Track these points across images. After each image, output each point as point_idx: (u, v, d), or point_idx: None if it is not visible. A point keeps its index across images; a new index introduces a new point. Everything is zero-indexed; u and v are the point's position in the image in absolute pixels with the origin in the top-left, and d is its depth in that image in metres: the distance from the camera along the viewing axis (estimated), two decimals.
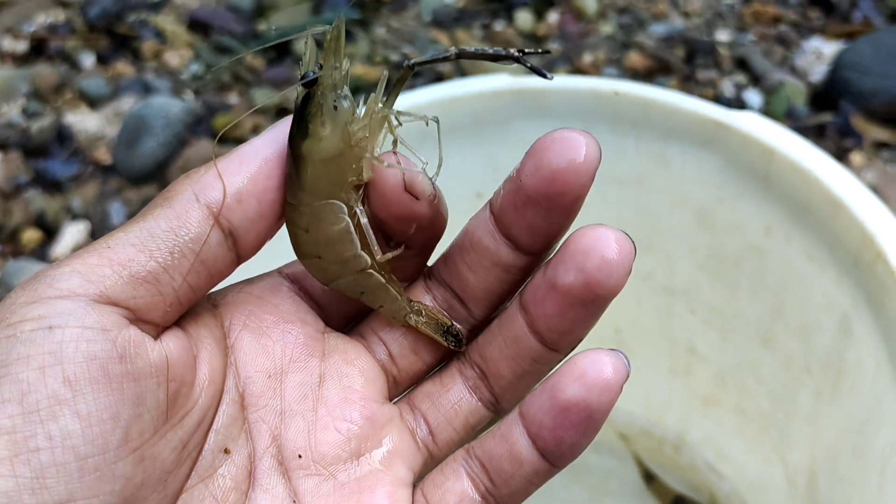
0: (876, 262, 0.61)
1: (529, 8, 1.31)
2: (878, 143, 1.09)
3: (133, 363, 0.35)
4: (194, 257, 0.37)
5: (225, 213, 0.38)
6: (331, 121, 0.40)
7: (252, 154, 0.39)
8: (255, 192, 0.38)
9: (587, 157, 0.37)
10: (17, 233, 1.08)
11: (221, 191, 0.38)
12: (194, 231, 0.37)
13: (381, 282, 0.42)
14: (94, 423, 0.33)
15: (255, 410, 0.41)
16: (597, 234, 0.37)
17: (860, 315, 0.64)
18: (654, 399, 0.86)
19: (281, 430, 0.41)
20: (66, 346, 0.33)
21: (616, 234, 0.37)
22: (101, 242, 0.37)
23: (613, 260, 0.36)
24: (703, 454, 0.84)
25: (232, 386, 0.41)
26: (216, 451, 0.39)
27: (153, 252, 0.36)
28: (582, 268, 0.37)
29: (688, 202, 0.76)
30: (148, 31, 1.32)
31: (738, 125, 0.69)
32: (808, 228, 0.68)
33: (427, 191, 0.39)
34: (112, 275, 0.35)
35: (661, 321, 0.83)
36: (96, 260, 0.35)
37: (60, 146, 1.16)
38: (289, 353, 0.42)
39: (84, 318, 0.34)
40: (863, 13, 1.26)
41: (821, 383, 0.70)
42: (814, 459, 0.70)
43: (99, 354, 0.34)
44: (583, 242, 0.37)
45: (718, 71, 1.20)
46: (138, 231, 0.37)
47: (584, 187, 0.37)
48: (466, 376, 0.43)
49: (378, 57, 1.24)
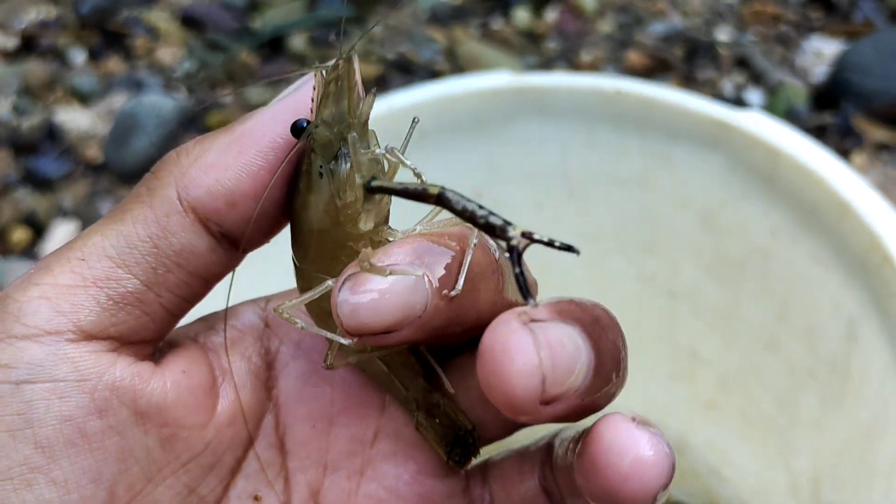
0: (883, 266, 0.60)
1: (527, 5, 1.30)
2: (880, 144, 1.08)
3: (116, 415, 0.31)
4: (181, 272, 0.32)
5: (214, 219, 0.32)
6: (316, 190, 0.32)
7: (251, 140, 0.33)
8: (253, 191, 0.32)
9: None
10: (6, 232, 1.07)
11: (208, 189, 0.32)
12: (177, 243, 0.32)
13: (384, 370, 0.36)
14: (72, 490, 0.30)
15: (296, 459, 0.36)
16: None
17: (867, 319, 0.63)
18: (656, 403, 0.85)
19: (321, 485, 0.37)
20: (36, 406, 0.30)
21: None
22: (75, 249, 0.32)
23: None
24: (704, 459, 0.83)
25: (270, 429, 0.36)
26: (244, 497, 0.35)
27: (132, 268, 0.31)
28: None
29: (692, 203, 0.75)
30: (140, 28, 1.30)
31: (743, 125, 0.69)
32: (815, 231, 0.67)
33: (420, 305, 0.30)
34: (87, 301, 0.31)
35: (663, 324, 0.82)
36: (68, 279, 0.31)
37: (51, 144, 1.15)
38: (341, 399, 0.37)
39: (55, 369, 0.30)
40: (864, 13, 1.25)
41: (826, 388, 0.69)
42: (818, 466, 0.70)
43: (74, 414, 0.30)
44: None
45: (718, 70, 1.20)
46: (115, 237, 0.32)
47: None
48: (545, 475, 0.37)
49: (374, 56, 1.23)
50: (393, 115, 0.73)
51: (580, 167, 0.77)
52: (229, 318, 0.37)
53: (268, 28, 1.26)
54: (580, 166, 0.77)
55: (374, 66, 1.20)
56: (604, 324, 0.31)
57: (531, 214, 0.79)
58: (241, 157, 0.32)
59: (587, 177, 0.77)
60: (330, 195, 0.32)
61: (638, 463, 0.29)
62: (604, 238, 0.79)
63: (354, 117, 0.32)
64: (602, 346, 0.30)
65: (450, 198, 0.29)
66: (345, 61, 0.32)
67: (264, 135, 0.33)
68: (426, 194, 0.30)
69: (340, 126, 0.32)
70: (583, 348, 0.29)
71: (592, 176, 0.77)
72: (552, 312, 0.29)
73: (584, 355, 0.29)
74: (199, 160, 0.32)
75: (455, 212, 0.29)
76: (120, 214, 0.32)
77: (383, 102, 0.74)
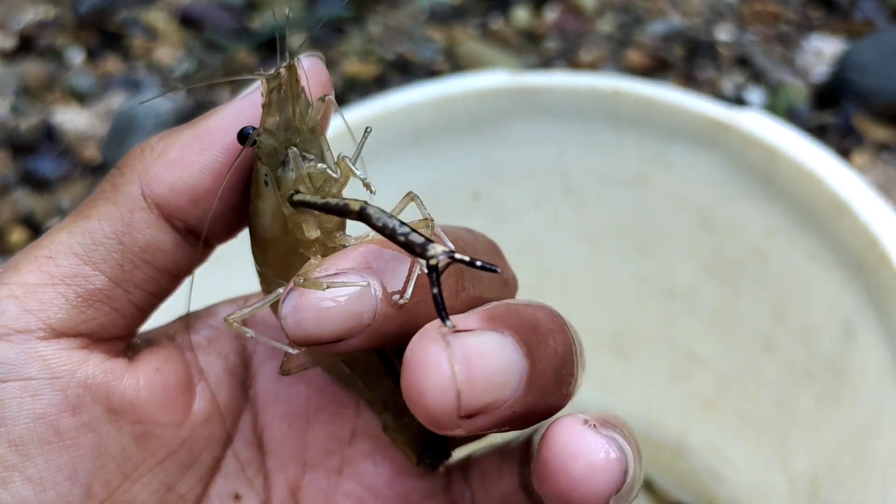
0: (880, 265, 0.60)
1: (527, 5, 1.30)
2: (880, 143, 1.08)
3: (89, 412, 0.31)
4: (148, 267, 0.32)
5: (178, 215, 0.32)
6: (263, 197, 0.32)
7: (214, 137, 0.32)
8: (214, 186, 0.32)
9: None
10: (4, 232, 1.07)
11: (170, 186, 0.32)
12: (143, 239, 0.32)
13: (346, 371, 0.35)
14: (48, 487, 0.30)
15: (275, 458, 0.36)
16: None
17: (864, 319, 0.63)
18: (654, 403, 0.85)
19: (300, 484, 0.37)
20: (8, 405, 0.30)
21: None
22: (41, 247, 0.32)
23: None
24: (702, 459, 0.83)
25: (249, 428, 0.36)
26: (224, 497, 0.35)
27: (99, 264, 0.31)
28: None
29: (689, 203, 0.75)
30: (138, 28, 1.30)
31: (740, 125, 0.69)
32: (812, 230, 0.67)
33: (367, 313, 0.29)
34: (56, 298, 0.31)
35: (660, 324, 0.82)
36: (36, 278, 0.31)
37: (49, 144, 1.15)
38: (317, 398, 0.37)
39: (26, 367, 0.30)
40: (864, 12, 1.25)
41: (823, 388, 0.69)
42: (815, 465, 0.69)
43: (47, 412, 0.30)
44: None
45: (718, 70, 1.19)
46: (81, 234, 0.31)
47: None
48: (524, 472, 0.36)
49: (373, 56, 1.22)
50: (392, 114, 0.73)
51: (577, 167, 0.77)
52: (207, 318, 0.37)
53: (266, 28, 1.26)
54: (577, 166, 0.77)
55: (373, 66, 1.19)
56: (543, 329, 0.30)
57: (529, 214, 0.79)
58: (203, 155, 0.32)
59: (584, 176, 0.77)
60: (276, 203, 0.32)
61: (588, 468, 0.28)
62: (601, 238, 0.79)
63: (303, 125, 0.32)
64: (540, 353, 0.29)
65: (370, 213, 0.29)
66: (287, 69, 0.31)
67: (227, 132, 0.32)
68: (348, 210, 0.29)
69: (287, 134, 0.31)
70: (513, 357, 0.28)
71: (590, 176, 0.77)
72: (481, 321, 0.28)
73: (516, 365, 0.28)
74: (162, 156, 0.32)
75: (375, 228, 0.29)
76: (86, 211, 0.32)
77: (381, 102, 0.74)
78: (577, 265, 0.81)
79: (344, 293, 0.29)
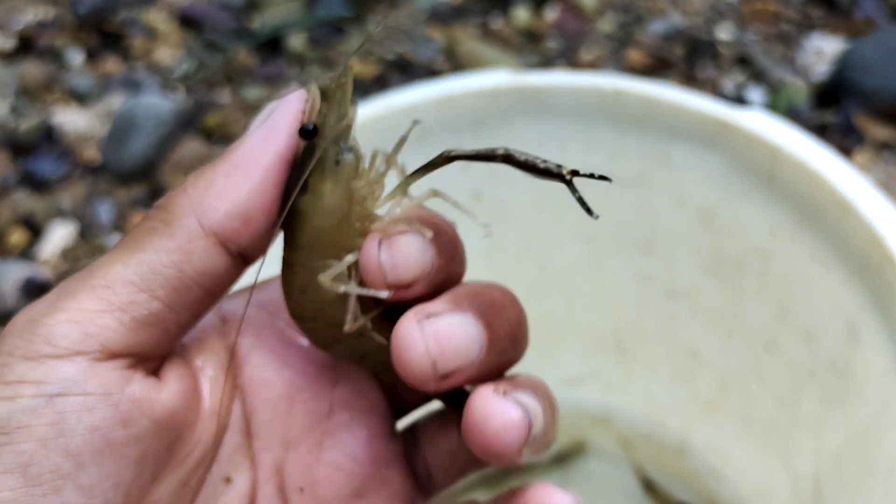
0: (884, 265, 0.60)
1: (527, 4, 1.29)
2: (882, 142, 1.08)
3: (137, 424, 0.34)
4: (200, 290, 0.36)
5: (233, 238, 0.36)
6: (332, 178, 0.37)
7: (253, 161, 0.36)
8: (263, 205, 0.36)
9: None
10: (3, 233, 1.06)
11: (226, 212, 0.36)
12: (201, 265, 0.36)
13: (384, 343, 0.39)
14: (96, 494, 0.33)
15: (261, 440, 0.40)
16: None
17: (867, 318, 0.63)
18: (655, 404, 0.85)
19: (285, 461, 0.41)
20: (67, 418, 0.32)
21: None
22: (97, 276, 0.34)
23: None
24: (705, 460, 0.83)
25: (238, 415, 0.40)
26: (218, 482, 0.39)
27: (156, 291, 0.35)
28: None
29: (690, 203, 0.75)
30: (138, 28, 1.30)
31: (743, 124, 0.68)
32: (815, 230, 0.67)
33: (429, 261, 0.37)
34: (113, 323, 0.34)
35: (662, 324, 0.82)
36: (95, 305, 0.34)
37: (48, 145, 1.15)
38: (298, 380, 0.41)
39: (85, 384, 0.33)
40: (865, 11, 1.25)
41: (826, 388, 0.69)
42: (818, 466, 0.69)
43: (101, 424, 0.33)
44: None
45: (718, 69, 1.19)
46: (138, 265, 0.35)
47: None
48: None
49: (373, 56, 1.22)
50: (392, 114, 0.73)
51: (579, 166, 0.76)
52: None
53: (266, 28, 1.26)
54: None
55: (373, 66, 1.19)
56: (498, 305, 0.38)
57: (530, 214, 0.79)
58: (247, 180, 0.36)
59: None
60: (346, 180, 0.37)
61: (499, 427, 0.35)
62: (602, 237, 0.79)
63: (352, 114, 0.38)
64: (496, 324, 0.37)
65: (513, 153, 0.36)
66: (347, 68, 0.37)
67: (262, 155, 0.36)
68: (494, 154, 0.36)
69: (345, 120, 0.37)
70: (474, 331, 0.36)
71: None
72: (447, 303, 0.36)
73: (477, 336, 0.36)
74: (211, 189, 0.36)
75: (518, 164, 0.36)
76: (139, 245, 0.35)
77: (382, 102, 0.74)
78: (578, 265, 0.81)
79: (419, 240, 0.36)
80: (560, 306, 0.84)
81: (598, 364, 0.85)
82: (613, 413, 0.87)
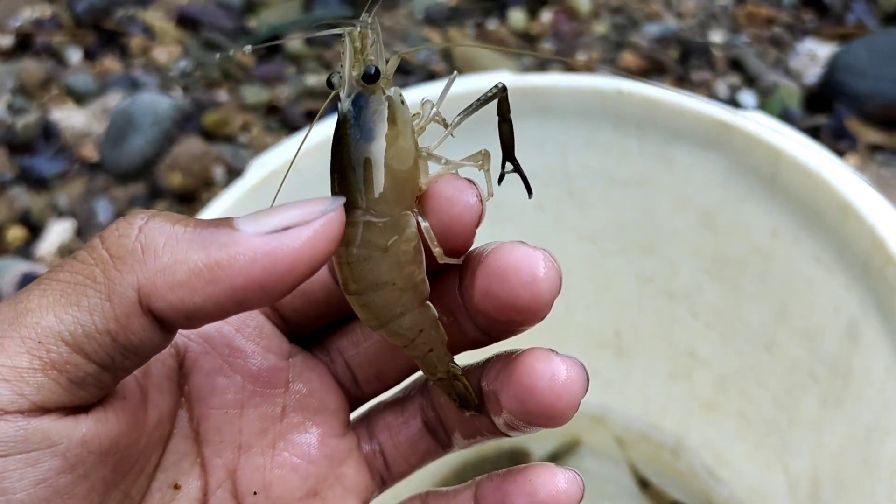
0: (886, 267, 0.61)
1: (522, 7, 1.30)
2: (873, 145, 1.09)
3: (84, 464, 0.32)
4: (137, 358, 0.33)
5: (172, 325, 0.33)
6: (402, 117, 0.37)
7: (226, 275, 0.32)
8: (215, 313, 0.32)
9: (546, 279, 0.34)
10: (1, 231, 1.06)
11: (170, 305, 0.32)
12: (137, 339, 0.32)
13: (436, 316, 0.37)
14: None
15: (211, 445, 0.39)
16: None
17: (869, 320, 0.64)
18: (653, 403, 0.86)
19: (237, 465, 0.39)
20: (8, 478, 0.30)
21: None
22: (28, 326, 0.31)
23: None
24: (702, 459, 0.83)
25: (185, 423, 0.39)
26: (165, 489, 0.37)
27: (91, 355, 0.32)
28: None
29: (692, 204, 0.75)
30: (136, 27, 1.30)
31: (744, 126, 0.68)
32: (816, 232, 0.67)
33: (477, 212, 0.36)
34: (48, 384, 0.31)
35: (661, 325, 0.82)
36: (27, 362, 0.31)
37: (46, 143, 1.15)
38: (249, 386, 0.40)
39: (25, 442, 0.31)
40: (856, 15, 1.26)
41: (826, 389, 0.69)
42: (817, 467, 0.70)
43: (48, 475, 0.31)
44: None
45: (712, 72, 1.20)
46: (72, 324, 0.31)
47: (543, 312, 0.35)
48: (427, 415, 0.42)
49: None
50: None
51: (580, 167, 0.77)
52: None
53: (264, 28, 1.26)
54: (580, 166, 0.77)
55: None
56: None
57: (532, 215, 0.79)
58: (211, 287, 0.32)
59: (587, 177, 0.77)
60: (410, 120, 0.37)
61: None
62: (603, 238, 0.79)
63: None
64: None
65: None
66: (372, 18, 0.37)
67: (239, 274, 0.32)
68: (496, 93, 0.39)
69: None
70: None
71: (592, 176, 0.77)
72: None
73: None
74: (166, 273, 0.32)
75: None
76: (74, 297, 0.32)
77: None
78: (579, 265, 0.81)
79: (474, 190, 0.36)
80: (560, 306, 0.84)
81: (597, 363, 0.85)
82: (610, 412, 0.87)
